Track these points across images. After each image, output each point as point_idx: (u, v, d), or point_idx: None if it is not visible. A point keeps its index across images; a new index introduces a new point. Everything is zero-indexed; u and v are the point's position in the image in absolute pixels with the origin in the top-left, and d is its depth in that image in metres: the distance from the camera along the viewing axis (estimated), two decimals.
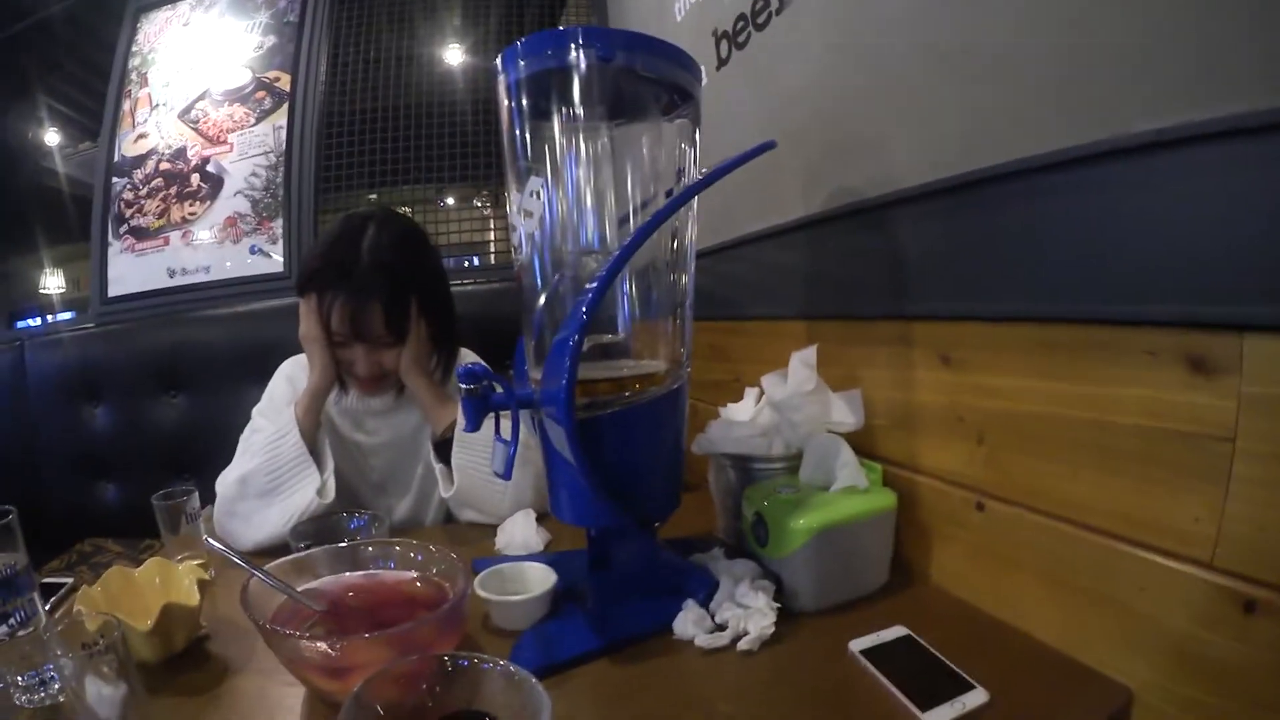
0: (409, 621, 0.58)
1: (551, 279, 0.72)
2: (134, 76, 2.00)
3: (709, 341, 1.28)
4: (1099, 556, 0.59)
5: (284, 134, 1.87)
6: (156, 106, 1.96)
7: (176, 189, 1.90)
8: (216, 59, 1.97)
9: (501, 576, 0.75)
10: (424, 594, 0.69)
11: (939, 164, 0.74)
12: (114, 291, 1.87)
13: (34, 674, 0.59)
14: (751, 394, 0.95)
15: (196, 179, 1.89)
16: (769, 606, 0.68)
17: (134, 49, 2.03)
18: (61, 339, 1.60)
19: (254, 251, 1.84)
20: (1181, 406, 0.53)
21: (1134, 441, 0.57)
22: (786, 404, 0.84)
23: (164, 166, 1.91)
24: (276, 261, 1.83)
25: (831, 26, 0.92)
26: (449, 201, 2.22)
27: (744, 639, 0.66)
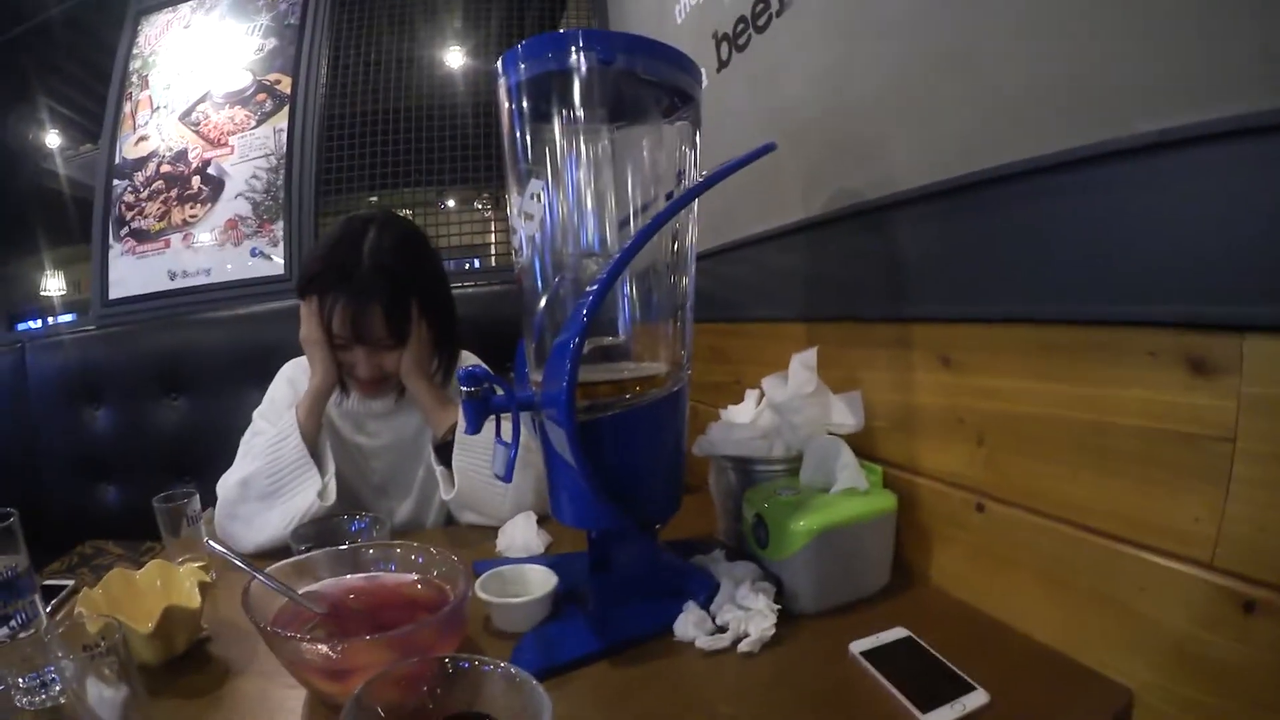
0: (410, 624, 0.58)
1: (552, 281, 0.72)
2: (135, 79, 2.01)
3: (709, 343, 1.28)
4: (1099, 557, 0.60)
5: (285, 136, 1.87)
6: (157, 109, 1.97)
7: (177, 191, 1.90)
8: (217, 61, 1.98)
9: (502, 579, 0.75)
10: (425, 596, 0.69)
11: (939, 166, 0.74)
12: (115, 294, 1.88)
13: (35, 676, 0.59)
14: (752, 396, 0.95)
15: (197, 181, 1.90)
16: (769, 608, 0.68)
17: (135, 51, 2.03)
18: (62, 341, 1.60)
19: (255, 254, 1.84)
20: (1182, 407, 0.53)
21: (1134, 442, 0.57)
22: (787, 406, 0.84)
23: (165, 169, 1.92)
24: (277, 264, 1.83)
25: (831, 28, 0.92)
26: (450, 204, 2.22)
27: (745, 641, 0.66)
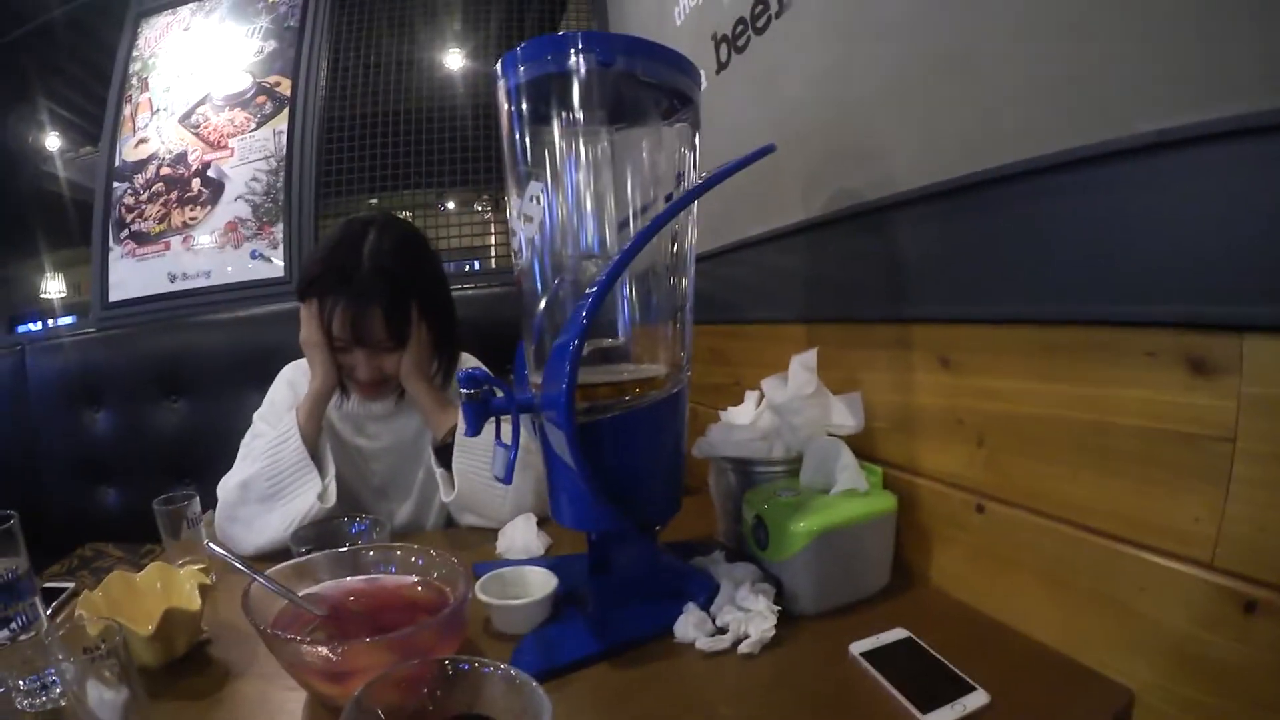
0: (410, 626, 0.58)
1: (551, 283, 0.72)
2: (135, 81, 2.01)
3: (709, 345, 1.28)
4: (1099, 558, 0.60)
5: (284, 139, 1.88)
6: (157, 111, 1.97)
7: (177, 194, 1.90)
8: (217, 64, 1.98)
9: (502, 580, 0.75)
10: (425, 598, 0.69)
11: (939, 166, 0.74)
12: (115, 296, 1.88)
13: (35, 678, 0.59)
14: (752, 397, 0.95)
15: (197, 184, 1.90)
16: (769, 609, 0.68)
17: (135, 54, 2.03)
18: (62, 344, 1.60)
19: (255, 256, 1.84)
20: (1182, 407, 0.53)
21: (1134, 443, 0.57)
22: (787, 407, 0.84)
23: (165, 171, 1.92)
24: (277, 266, 1.83)
25: (831, 30, 0.92)
26: (449, 206, 2.23)
27: (745, 642, 0.66)
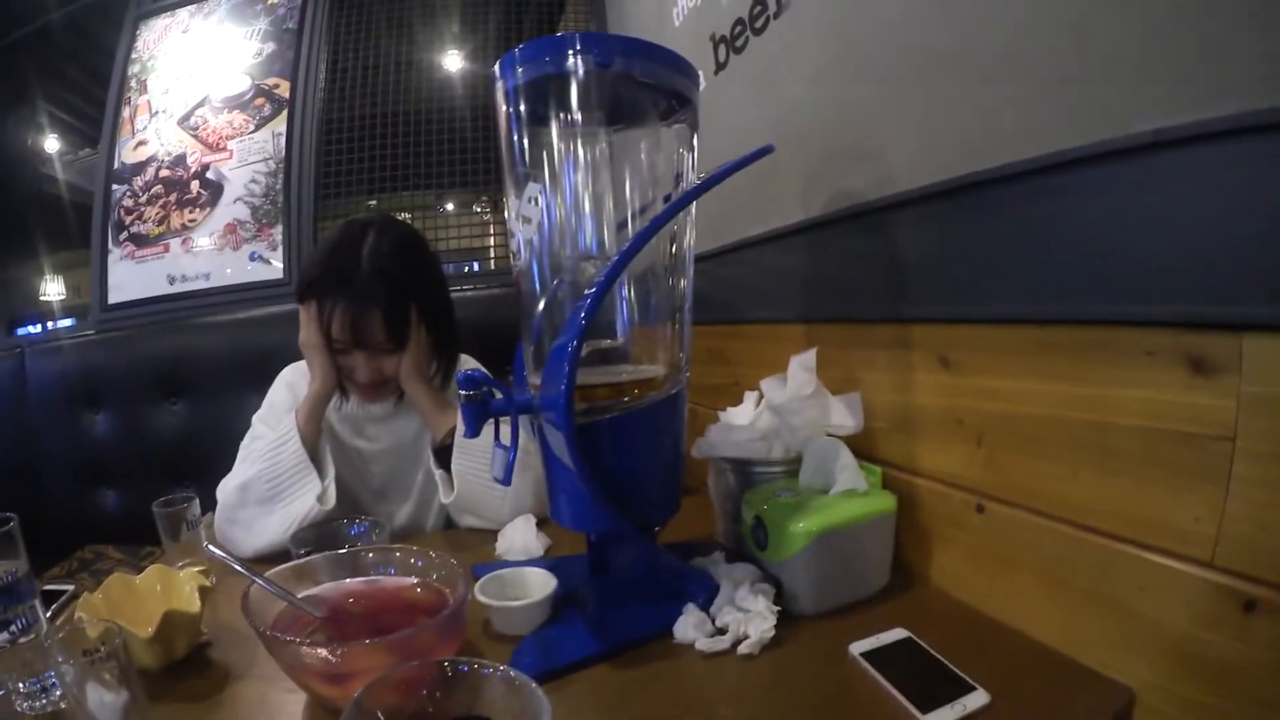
0: (409, 627, 0.58)
1: (550, 284, 0.72)
2: (133, 83, 2.01)
3: (708, 346, 1.28)
4: (1099, 557, 0.59)
5: (283, 140, 1.88)
6: (156, 113, 1.97)
7: (176, 196, 1.90)
8: (216, 66, 1.98)
9: (502, 582, 0.75)
10: (424, 600, 0.69)
11: (938, 167, 0.74)
12: (114, 298, 1.88)
13: (35, 681, 0.59)
14: (751, 398, 0.95)
15: (196, 186, 1.90)
16: (769, 610, 0.68)
17: (133, 56, 2.04)
18: (62, 346, 1.60)
19: (254, 258, 1.85)
20: (1181, 407, 0.53)
21: (1134, 442, 0.57)
22: (786, 407, 0.84)
23: (164, 173, 1.92)
24: (276, 268, 1.83)
25: (829, 30, 0.92)
26: (448, 207, 2.23)
27: (744, 642, 0.66)
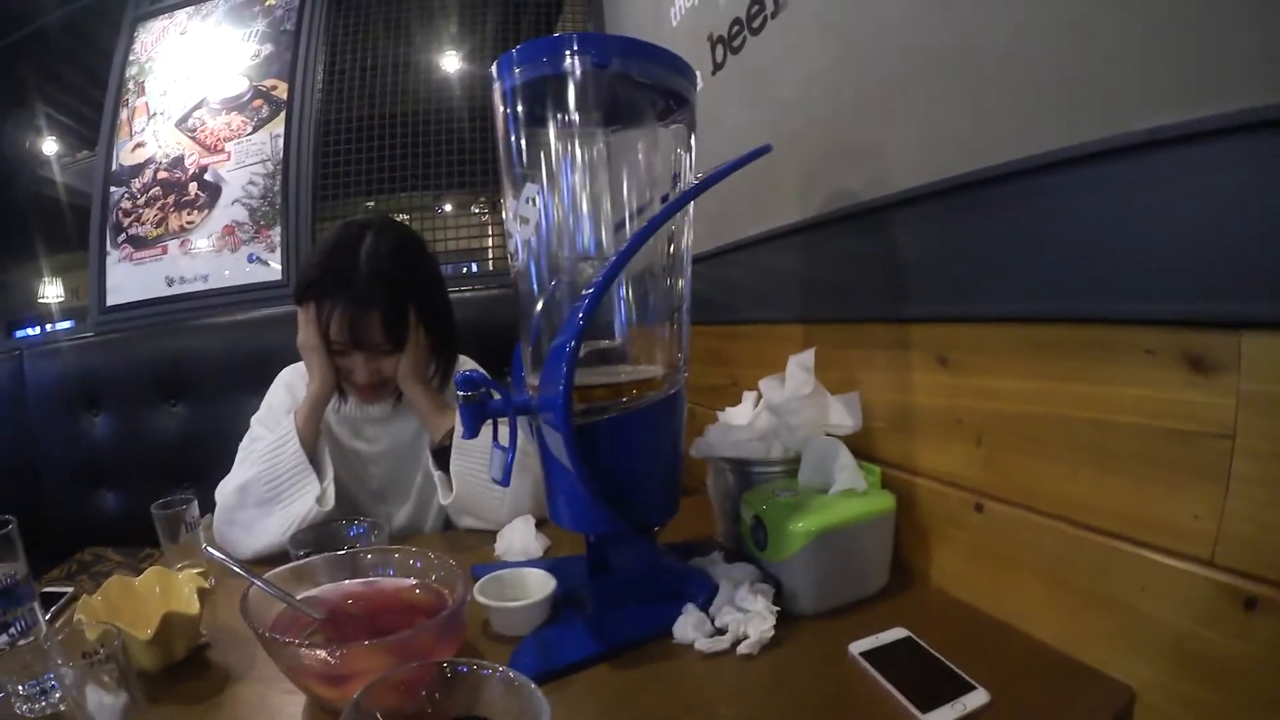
0: (408, 629, 0.58)
1: (548, 285, 0.72)
2: (131, 85, 2.01)
3: (706, 346, 1.28)
4: (1099, 556, 0.59)
5: (281, 142, 1.88)
6: (154, 115, 1.97)
7: (174, 198, 1.90)
8: (213, 68, 1.98)
9: (501, 582, 0.75)
10: (423, 601, 0.69)
11: (936, 166, 0.74)
12: (112, 300, 1.88)
13: (35, 683, 0.59)
14: (749, 398, 0.95)
15: (194, 188, 1.90)
16: (768, 610, 0.68)
17: (131, 58, 2.04)
18: (60, 348, 1.60)
19: (252, 260, 1.84)
20: (1180, 405, 0.53)
21: (1133, 441, 0.57)
22: (784, 407, 0.84)
23: (162, 175, 1.92)
24: (275, 270, 1.83)
25: (827, 30, 0.92)
26: (446, 208, 2.23)
27: (744, 642, 0.66)
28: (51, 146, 4.33)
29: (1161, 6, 0.52)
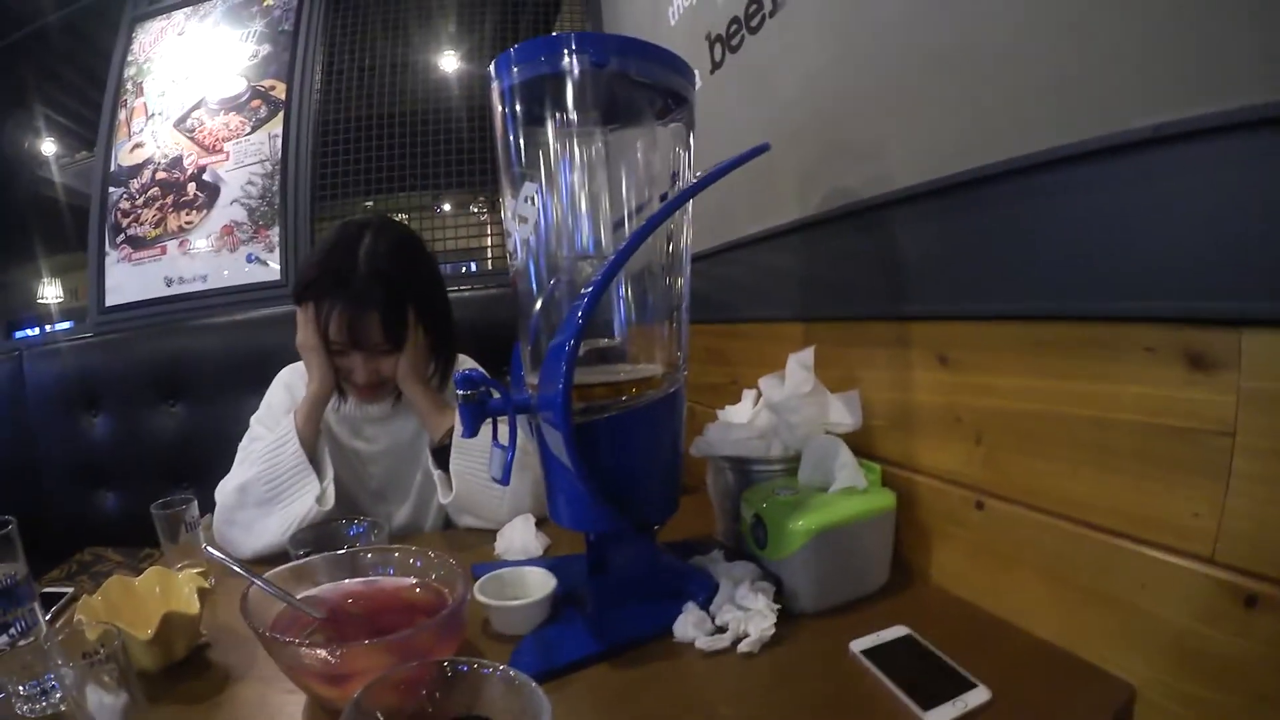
0: (408, 628, 0.58)
1: (547, 284, 0.72)
2: (130, 86, 2.01)
3: (706, 344, 1.28)
4: (1099, 553, 0.59)
5: (280, 142, 1.88)
6: (152, 116, 1.97)
7: (173, 198, 1.90)
8: (212, 68, 1.98)
9: (501, 581, 0.75)
10: (423, 600, 0.69)
11: (935, 165, 0.74)
12: (111, 301, 1.88)
13: (35, 683, 0.59)
14: (749, 396, 0.95)
15: (193, 188, 1.90)
16: (769, 608, 0.68)
17: (129, 58, 2.03)
18: (60, 349, 1.60)
19: (251, 260, 1.84)
20: (1180, 402, 0.53)
21: (1133, 438, 0.57)
22: (784, 406, 0.84)
23: (160, 176, 1.92)
24: (273, 270, 1.83)
25: (825, 29, 0.92)
26: (445, 208, 2.23)
27: (744, 641, 0.66)
28: (50, 147, 4.33)
29: (1161, 6, 0.52)
